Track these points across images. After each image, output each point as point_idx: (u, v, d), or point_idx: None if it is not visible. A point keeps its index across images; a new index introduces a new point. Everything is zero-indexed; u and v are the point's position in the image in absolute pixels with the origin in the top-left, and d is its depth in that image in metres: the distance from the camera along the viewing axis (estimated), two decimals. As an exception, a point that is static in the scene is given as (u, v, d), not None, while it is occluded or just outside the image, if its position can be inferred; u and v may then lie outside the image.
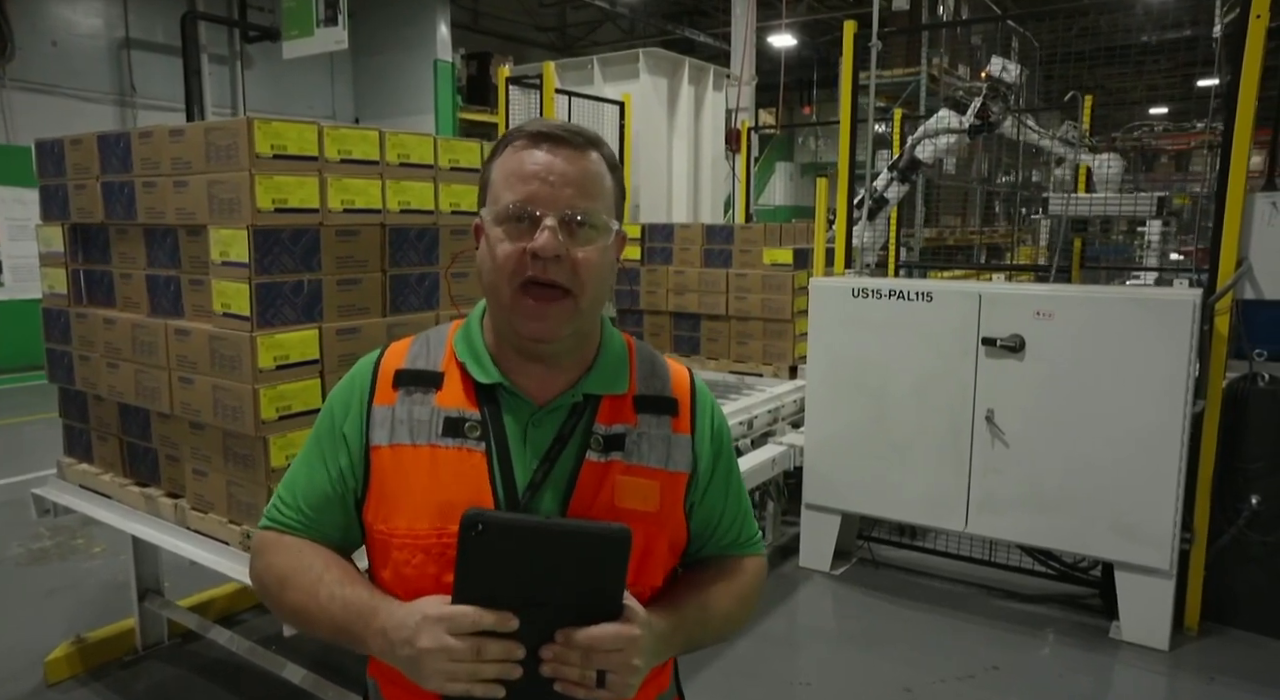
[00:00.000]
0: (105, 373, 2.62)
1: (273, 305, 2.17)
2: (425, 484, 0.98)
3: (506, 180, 0.98)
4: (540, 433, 1.01)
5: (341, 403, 1.07)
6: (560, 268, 0.95)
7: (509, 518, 0.92)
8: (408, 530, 0.98)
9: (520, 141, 0.99)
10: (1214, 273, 3.32)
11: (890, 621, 3.60)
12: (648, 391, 1.07)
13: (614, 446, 1.02)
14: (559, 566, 0.87)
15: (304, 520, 1.06)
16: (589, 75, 6.87)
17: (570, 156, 0.98)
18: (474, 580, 0.87)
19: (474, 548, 0.86)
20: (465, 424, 1.00)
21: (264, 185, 2.11)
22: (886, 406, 3.72)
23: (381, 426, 1.02)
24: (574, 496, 0.99)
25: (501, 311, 0.99)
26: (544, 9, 17.14)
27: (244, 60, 11.99)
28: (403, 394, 1.03)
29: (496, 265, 0.96)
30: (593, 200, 0.98)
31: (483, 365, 1.02)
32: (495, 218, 0.97)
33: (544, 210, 0.95)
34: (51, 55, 9.96)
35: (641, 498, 1.02)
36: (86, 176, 2.60)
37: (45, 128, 9.41)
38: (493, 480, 0.98)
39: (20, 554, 4.19)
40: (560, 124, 1.01)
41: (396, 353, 1.08)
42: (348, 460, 1.04)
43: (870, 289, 3.73)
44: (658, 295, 5.33)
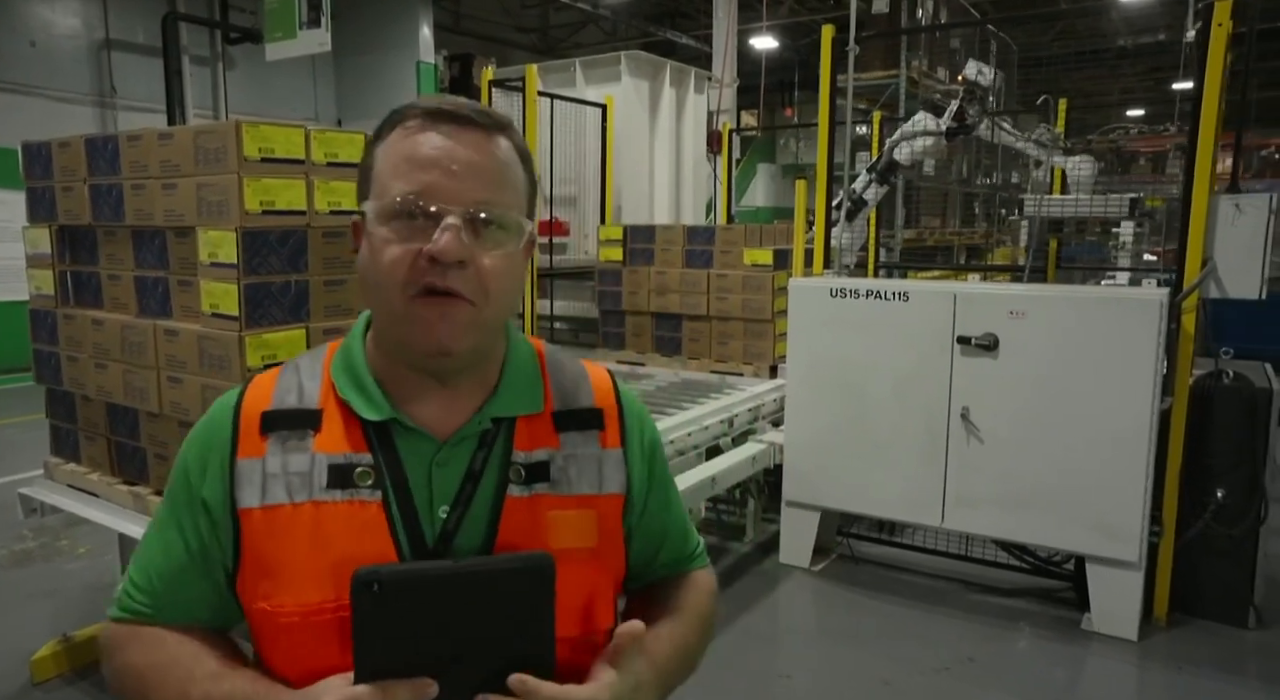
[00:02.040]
0: (93, 373, 2.64)
1: (261, 305, 2.21)
2: (310, 548, 0.82)
3: (397, 168, 0.81)
4: (447, 472, 0.85)
5: (197, 459, 0.88)
6: (462, 275, 0.79)
7: (409, 569, 0.79)
8: (296, 606, 0.81)
9: (414, 121, 0.82)
10: (1180, 272, 3.42)
11: (869, 616, 3.68)
12: (568, 406, 0.93)
13: (538, 476, 0.87)
14: (475, 614, 0.76)
15: (163, 606, 0.89)
16: (571, 78, 6.93)
17: (477, 141, 0.82)
18: (378, 649, 0.74)
19: (372, 611, 0.74)
20: (355, 471, 0.84)
21: (252, 188, 2.16)
22: (864, 405, 3.80)
23: (250, 484, 0.84)
24: (499, 542, 0.85)
25: (391, 325, 0.83)
26: (526, 10, 17.19)
27: (225, 62, 11.96)
28: (273, 442, 0.85)
29: (384, 271, 0.79)
30: (503, 195, 0.82)
31: (370, 398, 0.85)
32: (382, 214, 0.80)
33: (445, 206, 0.79)
34: (30, 56, 9.90)
35: (578, 533, 0.88)
36: (74, 179, 2.63)
37: (25, 129, 9.34)
38: (395, 535, 0.82)
39: (3, 555, 4.18)
40: (464, 101, 0.84)
41: (260, 390, 0.89)
42: (210, 529, 0.86)
43: (848, 289, 3.80)
44: (639, 296, 5.39)
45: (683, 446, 3.85)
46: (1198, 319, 3.42)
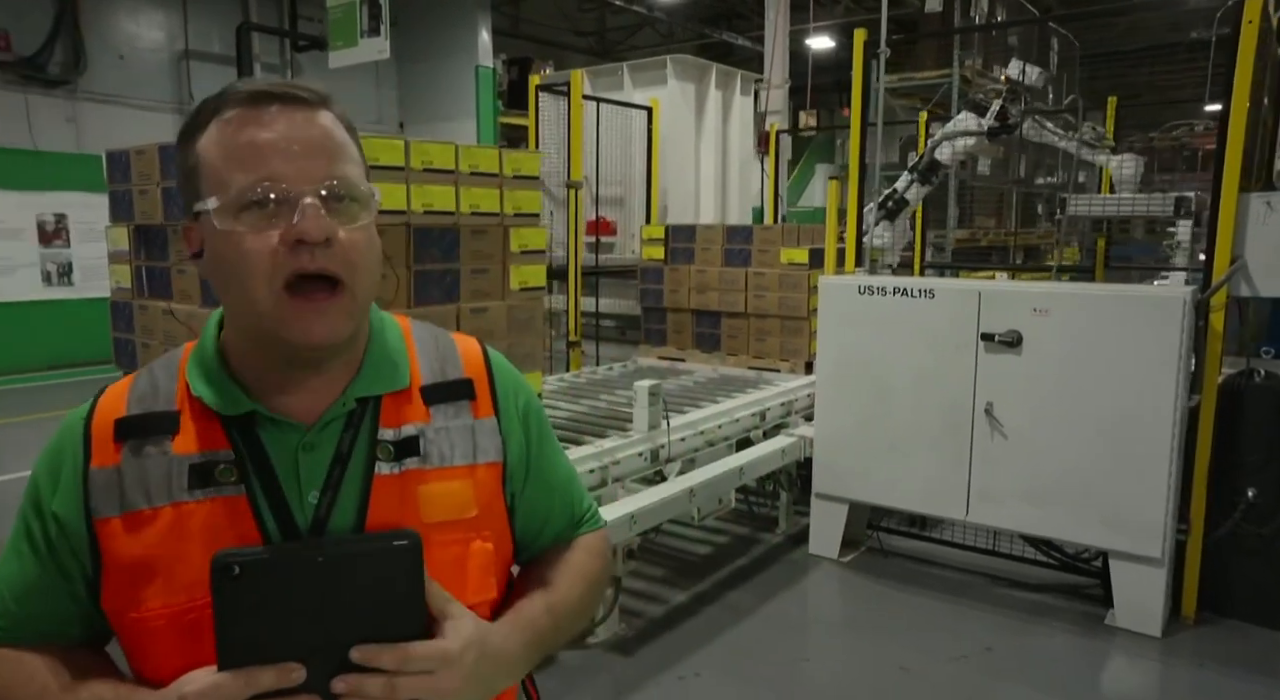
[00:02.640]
0: (163, 359, 2.90)
1: (308, 297, 2.42)
2: (175, 551, 0.80)
3: (234, 157, 0.78)
4: (315, 457, 0.84)
5: (47, 473, 0.85)
6: (329, 253, 0.77)
7: (269, 552, 0.78)
8: (164, 610, 0.80)
9: (235, 110, 0.79)
10: (1208, 270, 3.42)
11: (893, 606, 3.76)
12: (436, 378, 0.92)
13: (408, 452, 0.87)
14: (342, 596, 0.75)
15: (19, 624, 0.86)
16: (619, 81, 7.11)
17: (305, 117, 0.80)
18: (241, 635, 0.73)
19: (233, 596, 0.72)
20: (217, 468, 0.82)
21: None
22: (891, 399, 3.88)
23: (106, 493, 0.82)
24: (369, 521, 0.83)
25: (261, 321, 0.79)
26: (583, 14, 17.45)
27: (294, 68, 12.48)
28: (129, 448, 0.83)
29: (246, 266, 0.77)
30: (348, 167, 0.81)
31: (225, 394, 0.83)
32: (229, 208, 0.77)
33: (296, 188, 0.77)
34: (118, 68, 10.52)
35: (454, 505, 0.87)
36: (148, 183, 2.91)
37: (111, 136, 9.98)
38: (262, 526, 0.81)
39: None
40: (277, 81, 0.82)
41: (114, 399, 0.87)
42: (65, 543, 0.83)
43: (875, 286, 3.89)
44: (680, 294, 5.53)
45: (713, 438, 3.99)
46: (1227, 317, 3.41)
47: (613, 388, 4.65)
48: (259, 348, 0.83)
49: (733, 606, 3.68)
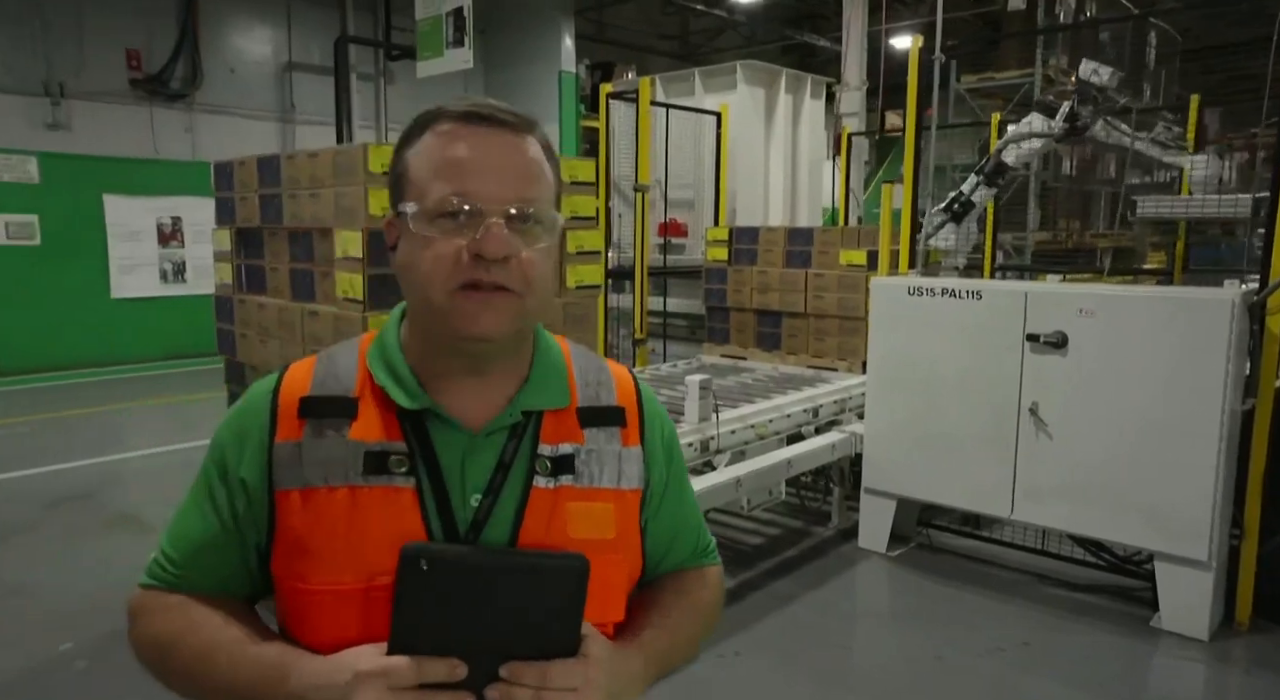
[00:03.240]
0: (257, 347, 3.28)
1: (380, 292, 2.73)
2: (346, 531, 0.84)
3: (436, 170, 0.84)
4: (479, 461, 0.88)
5: (234, 440, 0.91)
6: (507, 270, 0.83)
7: (456, 551, 0.83)
8: (329, 585, 0.84)
9: (447, 125, 0.86)
10: (1265, 272, 3.39)
11: (935, 600, 3.84)
12: (592, 402, 0.96)
13: (563, 469, 0.91)
14: (510, 603, 0.79)
15: (193, 576, 0.92)
16: (691, 87, 7.30)
17: (510, 141, 0.86)
18: (414, 624, 0.77)
19: (415, 587, 0.77)
20: (390, 458, 0.86)
21: (376, 197, 2.67)
22: (939, 398, 3.96)
23: (288, 466, 0.87)
24: (522, 531, 0.88)
25: (435, 315, 0.85)
26: (666, 18, 17.67)
27: (387, 77, 13.12)
28: (310, 426, 0.88)
29: (428, 268, 0.83)
30: (538, 191, 0.86)
31: (405, 388, 0.89)
32: (425, 213, 0.83)
33: (486, 205, 0.83)
34: (229, 80, 11.30)
35: (596, 525, 0.91)
36: (248, 190, 3.27)
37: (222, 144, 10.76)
38: (426, 520, 0.85)
39: (192, 503, 5.02)
40: (493, 102, 0.88)
41: (298, 377, 0.92)
42: (246, 508, 0.89)
43: (925, 287, 3.98)
44: (743, 294, 5.69)
45: (763, 431, 4.14)
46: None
47: (673, 384, 4.85)
48: (433, 345, 0.89)
49: (777, 593, 3.84)
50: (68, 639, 3.34)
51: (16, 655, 3.23)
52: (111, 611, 3.48)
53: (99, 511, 4.86)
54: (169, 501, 3.95)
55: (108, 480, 5.47)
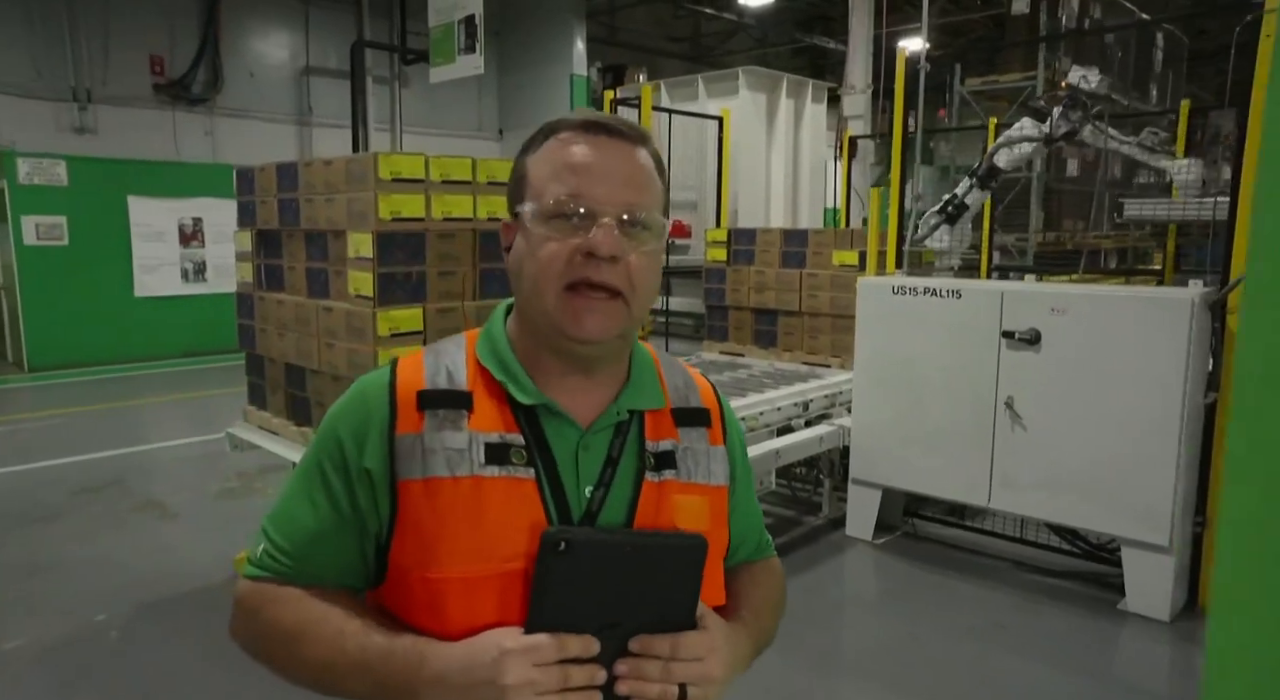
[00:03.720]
0: (276, 341, 3.52)
1: (389, 290, 2.96)
2: (471, 520, 0.87)
3: (554, 173, 0.89)
4: (590, 455, 0.93)
5: (353, 432, 0.92)
6: (615, 270, 0.88)
7: (593, 534, 0.87)
8: (460, 573, 0.87)
9: (567, 133, 0.91)
10: (1226, 271, 3.56)
11: (915, 584, 4.04)
12: (683, 404, 1.02)
13: (666, 464, 0.96)
14: (636, 583, 0.83)
15: (308, 567, 0.94)
16: (695, 92, 7.51)
17: (624, 150, 0.91)
18: (552, 604, 0.81)
19: (554, 568, 0.80)
20: (510, 449, 0.90)
21: (385, 201, 2.90)
22: (921, 392, 4.15)
23: (410, 458, 0.89)
24: (635, 521, 0.92)
25: (544, 314, 0.89)
26: (678, 21, 17.87)
27: (402, 80, 13.41)
28: (430, 419, 0.91)
29: (542, 265, 0.88)
30: (648, 198, 0.91)
31: (521, 383, 0.92)
32: (541, 213, 0.89)
33: (600, 207, 0.87)
34: (249, 84, 11.61)
35: (696, 516, 0.96)
36: (268, 195, 3.51)
37: (242, 146, 11.06)
38: (547, 509, 0.89)
39: (216, 490, 5.29)
40: (609, 115, 0.94)
41: (412, 371, 0.95)
42: (370, 498, 0.91)
43: (909, 287, 4.17)
44: (741, 292, 5.89)
45: (754, 424, 4.35)
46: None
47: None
48: (541, 342, 0.93)
49: (765, 577, 4.04)
50: (101, 611, 3.60)
51: (57, 624, 3.50)
52: (139, 587, 3.77)
53: (126, 498, 5.13)
54: (191, 490, 4.30)
55: (133, 470, 5.75)
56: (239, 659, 1.01)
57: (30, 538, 4.47)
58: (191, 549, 4.30)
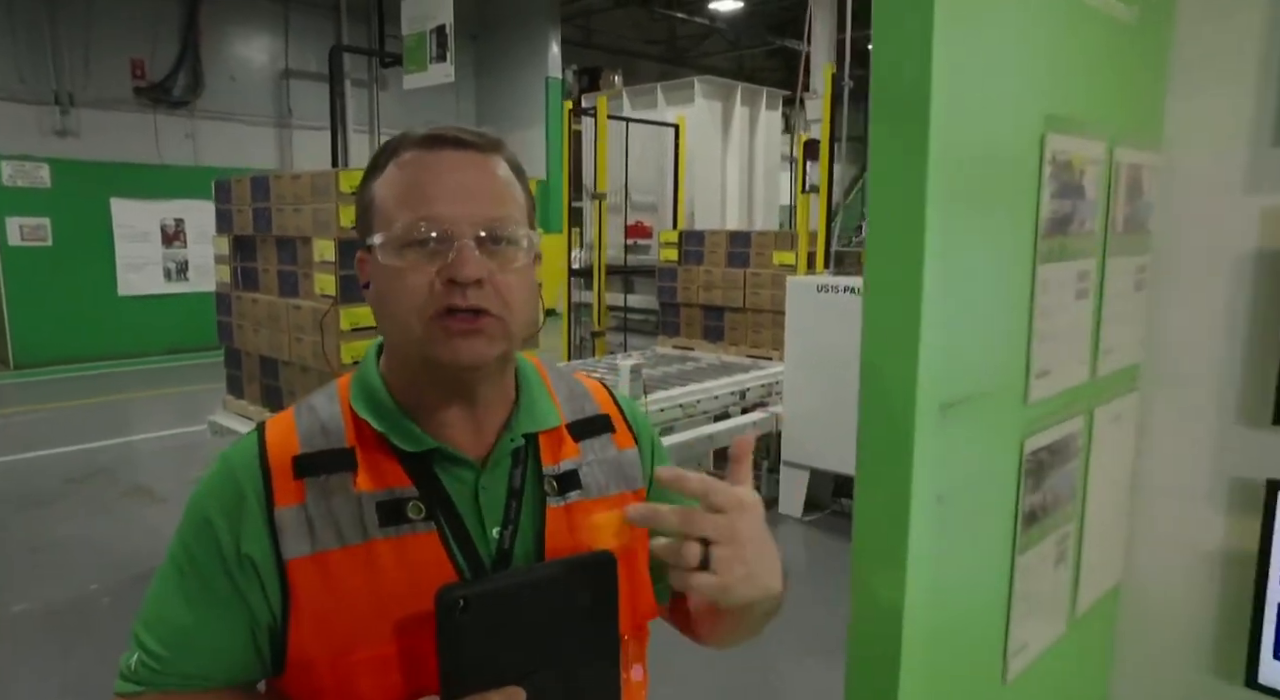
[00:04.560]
0: (251, 336, 3.91)
1: (350, 290, 3.35)
2: (374, 590, 0.80)
3: (402, 197, 0.81)
4: (490, 493, 0.86)
5: (225, 514, 0.82)
6: (482, 293, 0.80)
7: (492, 583, 0.81)
8: (367, 650, 0.80)
9: (410, 152, 0.83)
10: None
11: (835, 556, 4.47)
12: (579, 415, 0.96)
13: (570, 485, 0.91)
14: (548, 617, 0.79)
15: (192, 671, 0.84)
16: (654, 100, 7.92)
17: (476, 161, 0.83)
18: (463, 665, 0.75)
19: (458, 628, 0.75)
20: (406, 505, 0.83)
21: (345, 212, 3.30)
22: (842, 381, 4.57)
23: (295, 532, 0.81)
24: (546, 554, 0.87)
25: (414, 345, 0.81)
26: (653, 24, 18.27)
27: (380, 83, 13.75)
28: (311, 486, 0.82)
29: (403, 299, 0.80)
30: (508, 211, 0.83)
31: (404, 431, 0.85)
32: (392, 243, 0.80)
33: (455, 228, 0.80)
34: (229, 88, 11.91)
35: (614, 532, 0.91)
36: (243, 204, 3.90)
37: (222, 149, 11.34)
38: (455, 562, 0.83)
39: (197, 479, 5.65)
40: (455, 127, 0.85)
41: (281, 436, 0.86)
42: (255, 586, 0.81)
43: (830, 285, 4.60)
44: (691, 290, 6.32)
45: (691, 410, 4.77)
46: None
47: (618, 370, 5.48)
48: (419, 379, 0.85)
49: (699, 548, 4.46)
50: (95, 581, 3.99)
51: (57, 592, 3.90)
52: (129, 562, 4.16)
53: (114, 485, 5.51)
54: (177, 477, 4.76)
55: (120, 459, 6.11)
56: None
57: (28, 520, 4.84)
58: (176, 528, 4.68)
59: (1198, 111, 1.63)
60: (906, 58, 0.97)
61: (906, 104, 0.96)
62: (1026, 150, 1.25)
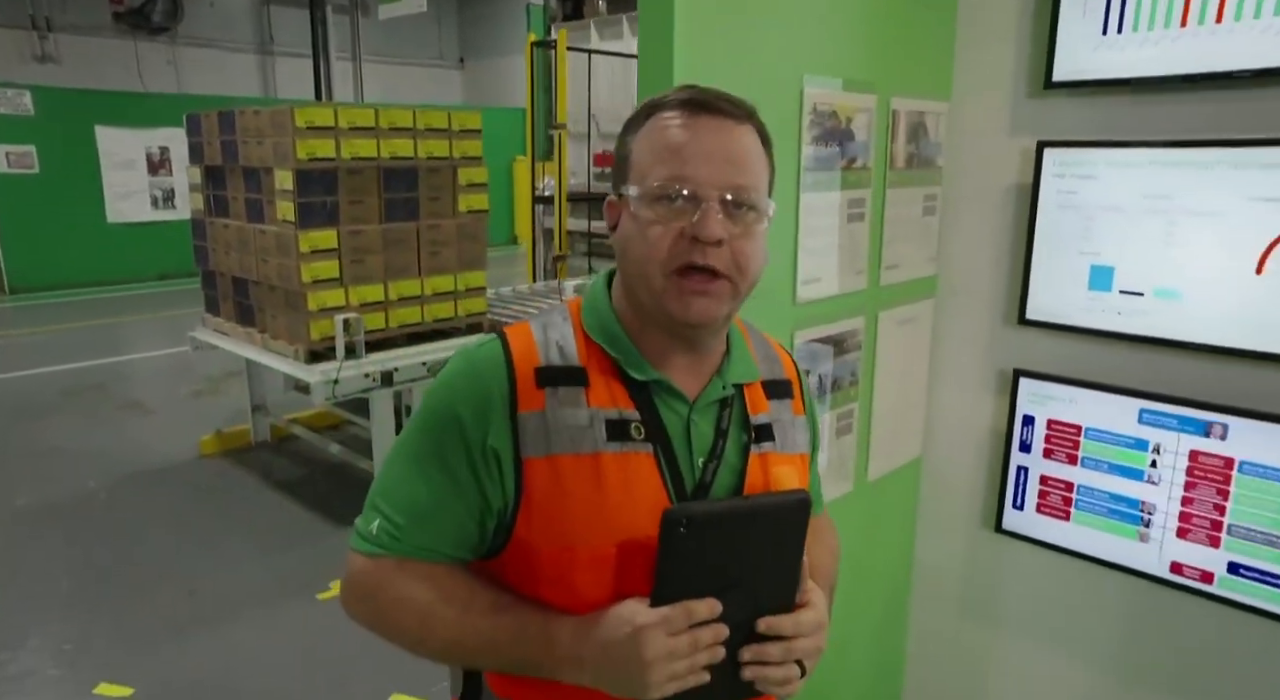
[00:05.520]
0: (224, 258, 4.27)
1: (308, 216, 3.71)
2: (597, 495, 0.88)
3: (657, 155, 0.88)
4: (699, 429, 0.94)
5: (474, 410, 0.90)
6: (720, 254, 0.86)
7: (710, 507, 0.89)
8: (587, 547, 0.88)
9: (670, 112, 0.89)
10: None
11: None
12: (771, 376, 1.05)
13: (765, 436, 0.99)
14: (750, 543, 0.86)
15: (426, 543, 0.93)
16: (620, 31, 8.07)
17: (727, 129, 0.89)
18: (676, 577, 0.84)
19: (675, 545, 0.83)
20: (629, 425, 0.91)
21: (301, 145, 3.62)
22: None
23: (535, 434, 0.89)
24: (744, 490, 0.95)
25: (651, 296, 0.89)
26: (638, -53, 17.95)
27: (361, 9, 13.70)
28: (550, 395, 0.90)
29: (648, 249, 0.87)
30: (753, 179, 0.89)
31: (635, 361, 0.93)
32: (645, 196, 0.87)
33: (704, 190, 0.86)
34: (210, 15, 11.92)
35: (792, 484, 0.99)
36: (213, 136, 4.21)
37: (204, 77, 11.43)
38: (665, 482, 0.90)
39: (187, 393, 6.11)
40: (715, 92, 0.90)
41: (525, 345, 0.94)
42: (494, 476, 0.90)
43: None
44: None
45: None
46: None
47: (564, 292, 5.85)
48: (649, 320, 0.92)
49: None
50: (92, 480, 4.45)
51: (57, 489, 4.37)
52: (123, 464, 4.63)
53: (108, 399, 5.95)
54: (166, 392, 5.27)
55: (113, 377, 6.54)
56: (204, 514, 1.44)
57: (27, 429, 5.28)
58: (165, 437, 5.13)
59: (978, 66, 2.00)
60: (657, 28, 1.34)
61: (658, 65, 1.34)
62: (788, 104, 1.62)
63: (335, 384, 3.65)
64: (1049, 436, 1.97)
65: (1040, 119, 1.92)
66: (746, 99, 0.92)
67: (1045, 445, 1.98)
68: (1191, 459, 1.76)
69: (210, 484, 4.44)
